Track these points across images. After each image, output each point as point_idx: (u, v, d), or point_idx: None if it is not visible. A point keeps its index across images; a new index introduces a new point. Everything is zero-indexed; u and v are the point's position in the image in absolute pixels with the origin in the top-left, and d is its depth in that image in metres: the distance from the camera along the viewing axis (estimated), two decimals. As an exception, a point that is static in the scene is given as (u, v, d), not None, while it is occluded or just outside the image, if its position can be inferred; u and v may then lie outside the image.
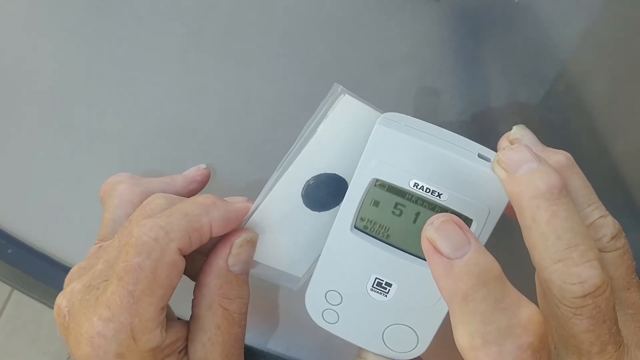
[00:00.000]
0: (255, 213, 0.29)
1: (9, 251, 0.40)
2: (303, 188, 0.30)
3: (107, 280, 0.26)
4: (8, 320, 1.24)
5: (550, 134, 0.31)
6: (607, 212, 0.25)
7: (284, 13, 0.34)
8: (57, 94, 0.39)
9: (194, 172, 0.35)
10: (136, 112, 0.39)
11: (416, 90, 0.34)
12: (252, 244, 0.29)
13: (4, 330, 1.23)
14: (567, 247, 0.22)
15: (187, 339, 0.29)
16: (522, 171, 0.23)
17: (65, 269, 0.38)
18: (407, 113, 0.28)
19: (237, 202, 0.29)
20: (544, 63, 0.32)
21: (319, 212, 0.30)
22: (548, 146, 0.28)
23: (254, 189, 0.32)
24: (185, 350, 0.28)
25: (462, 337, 0.21)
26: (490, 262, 0.22)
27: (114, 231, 0.31)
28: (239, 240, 0.28)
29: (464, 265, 0.21)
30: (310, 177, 0.29)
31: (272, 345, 0.41)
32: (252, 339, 0.41)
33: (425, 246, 0.22)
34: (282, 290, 0.40)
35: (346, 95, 0.27)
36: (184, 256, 0.27)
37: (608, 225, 0.25)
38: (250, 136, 0.38)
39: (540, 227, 0.22)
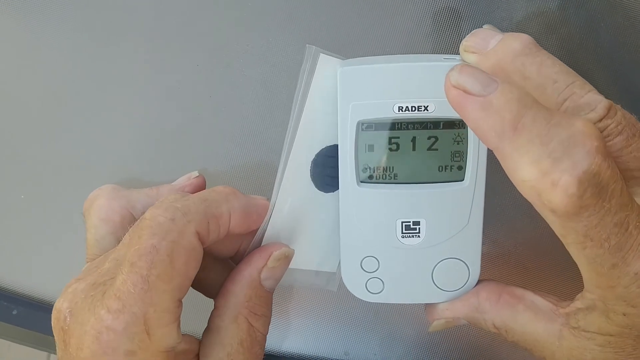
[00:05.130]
0: (273, 212, 0.28)
1: (14, 312, 0.37)
2: (310, 170, 0.28)
3: (114, 277, 0.23)
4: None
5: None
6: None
7: None
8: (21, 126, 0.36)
9: (184, 181, 0.32)
10: (114, 127, 0.36)
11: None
12: (288, 260, 0.28)
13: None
14: (566, 85, 0.22)
15: (197, 355, 0.26)
16: (492, 45, 0.24)
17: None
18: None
19: (258, 198, 0.28)
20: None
21: (334, 192, 0.28)
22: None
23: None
24: None
25: (528, 170, 0.20)
26: (522, 88, 0.21)
27: (101, 251, 0.28)
28: (277, 252, 0.27)
29: (501, 95, 0.20)
30: (314, 156, 0.28)
31: (327, 353, 0.38)
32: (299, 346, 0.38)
33: (453, 95, 0.21)
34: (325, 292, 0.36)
35: (321, 55, 0.26)
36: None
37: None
38: (242, 129, 0.34)
39: (534, 80, 0.23)
